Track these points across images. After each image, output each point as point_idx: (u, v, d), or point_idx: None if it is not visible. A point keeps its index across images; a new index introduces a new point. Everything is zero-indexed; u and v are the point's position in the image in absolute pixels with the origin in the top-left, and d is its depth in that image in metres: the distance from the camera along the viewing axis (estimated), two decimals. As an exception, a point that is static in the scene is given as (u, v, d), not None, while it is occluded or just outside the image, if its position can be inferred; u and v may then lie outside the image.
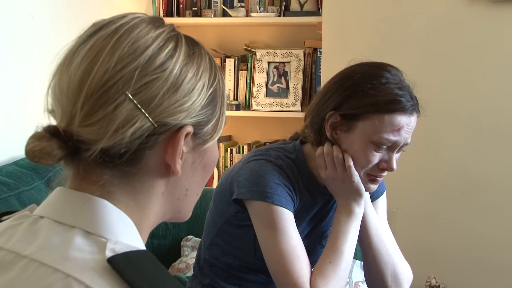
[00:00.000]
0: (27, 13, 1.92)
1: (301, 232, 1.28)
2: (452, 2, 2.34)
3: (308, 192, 1.31)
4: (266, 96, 2.81)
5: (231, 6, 2.84)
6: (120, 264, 0.58)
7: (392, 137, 1.20)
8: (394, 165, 1.23)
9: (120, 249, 0.60)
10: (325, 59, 2.54)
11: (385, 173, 1.26)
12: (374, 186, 1.28)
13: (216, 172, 2.86)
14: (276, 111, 2.78)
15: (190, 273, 1.69)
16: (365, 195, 1.29)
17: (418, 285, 2.10)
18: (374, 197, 1.41)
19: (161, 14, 2.88)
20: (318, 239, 1.39)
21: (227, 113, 0.74)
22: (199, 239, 1.76)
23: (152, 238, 1.99)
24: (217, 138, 0.72)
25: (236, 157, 2.86)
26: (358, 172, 1.24)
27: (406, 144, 1.23)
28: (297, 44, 2.84)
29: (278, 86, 2.80)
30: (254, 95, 2.82)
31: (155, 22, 0.67)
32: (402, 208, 2.44)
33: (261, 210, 1.23)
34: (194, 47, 0.69)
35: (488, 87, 2.34)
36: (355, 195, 1.26)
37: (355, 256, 1.45)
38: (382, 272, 1.32)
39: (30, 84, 1.90)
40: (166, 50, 0.65)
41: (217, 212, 1.35)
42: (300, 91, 2.76)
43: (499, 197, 2.37)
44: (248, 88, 2.87)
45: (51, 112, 0.66)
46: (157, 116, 0.63)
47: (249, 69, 2.86)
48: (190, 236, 1.99)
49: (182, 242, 1.99)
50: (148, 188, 0.67)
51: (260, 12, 2.77)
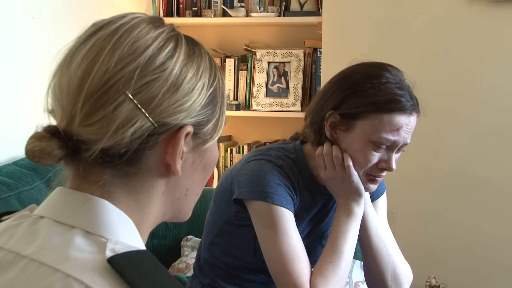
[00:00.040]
0: (27, 13, 1.92)
1: (301, 232, 1.28)
2: (452, 2, 2.34)
3: (308, 192, 1.31)
4: (266, 96, 2.81)
5: (231, 6, 2.84)
6: (120, 264, 0.58)
7: (391, 137, 1.19)
8: (393, 165, 1.23)
9: (120, 249, 0.60)
10: (325, 59, 2.54)
11: (384, 173, 1.26)
12: (373, 186, 1.28)
13: (216, 172, 2.86)
14: (276, 111, 2.78)
15: (190, 273, 1.69)
16: (365, 195, 1.29)
17: (418, 285, 2.10)
18: (374, 197, 1.41)
19: (161, 14, 2.88)
20: (318, 239, 1.39)
21: (227, 113, 0.74)
22: (199, 239, 1.76)
23: (152, 238, 1.99)
24: (217, 138, 0.72)
25: (236, 157, 2.86)
26: (357, 172, 1.24)
27: (405, 144, 1.23)
28: (297, 44, 2.84)
29: (278, 86, 2.80)
30: (254, 95, 2.82)
31: (155, 22, 0.67)
32: (402, 208, 2.44)
33: (261, 210, 1.23)
34: (194, 47, 0.69)
35: (488, 87, 2.34)
36: (355, 195, 1.26)
37: (355, 256, 1.45)
38: (382, 272, 1.32)
39: (30, 84, 1.90)
40: (166, 50, 0.65)
41: (217, 212, 1.35)
42: (300, 91, 2.76)
43: (499, 197, 2.37)
44: (248, 88, 2.87)
45: (51, 112, 0.66)
46: (157, 116, 0.63)
47: (249, 69, 2.86)
48: (190, 236, 1.99)
49: (182, 242, 1.99)
50: (148, 188, 0.67)
51: (260, 12, 2.77)
